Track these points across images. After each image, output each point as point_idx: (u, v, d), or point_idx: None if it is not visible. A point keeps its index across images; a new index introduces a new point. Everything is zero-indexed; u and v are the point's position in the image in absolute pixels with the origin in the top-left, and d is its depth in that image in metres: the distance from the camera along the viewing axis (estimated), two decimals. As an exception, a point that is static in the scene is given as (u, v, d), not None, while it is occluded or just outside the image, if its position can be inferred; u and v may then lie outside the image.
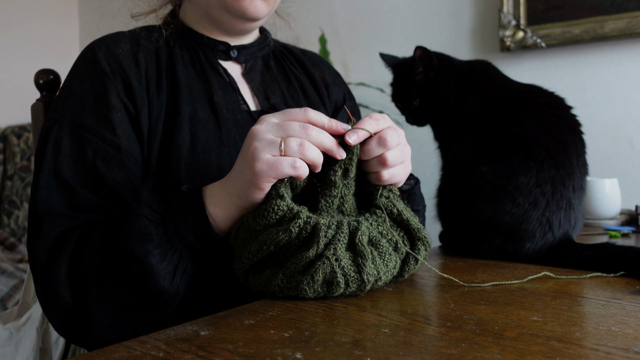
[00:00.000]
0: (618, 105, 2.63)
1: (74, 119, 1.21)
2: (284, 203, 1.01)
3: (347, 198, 1.12)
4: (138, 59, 1.32)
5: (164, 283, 1.03)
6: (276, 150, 0.99)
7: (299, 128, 1.00)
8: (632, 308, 0.95)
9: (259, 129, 1.01)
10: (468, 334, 0.81)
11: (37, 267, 1.11)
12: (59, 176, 1.16)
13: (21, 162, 4.15)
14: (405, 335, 0.79)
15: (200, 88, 1.35)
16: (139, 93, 1.27)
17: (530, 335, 0.80)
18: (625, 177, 2.54)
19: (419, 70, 1.61)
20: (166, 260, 1.03)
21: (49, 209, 1.14)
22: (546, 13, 2.75)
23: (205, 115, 1.31)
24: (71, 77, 1.29)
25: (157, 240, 1.02)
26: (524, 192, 1.37)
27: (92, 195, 1.16)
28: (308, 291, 0.96)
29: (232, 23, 1.41)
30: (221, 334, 0.80)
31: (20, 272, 3.26)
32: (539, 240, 1.37)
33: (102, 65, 1.27)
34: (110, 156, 1.19)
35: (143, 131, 1.25)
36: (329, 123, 1.04)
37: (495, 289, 1.08)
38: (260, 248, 1.00)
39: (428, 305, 0.98)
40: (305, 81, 1.59)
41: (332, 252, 0.96)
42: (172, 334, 0.80)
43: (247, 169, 1.00)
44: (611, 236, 1.79)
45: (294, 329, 0.82)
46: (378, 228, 1.05)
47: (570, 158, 1.42)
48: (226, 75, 1.42)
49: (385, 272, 1.03)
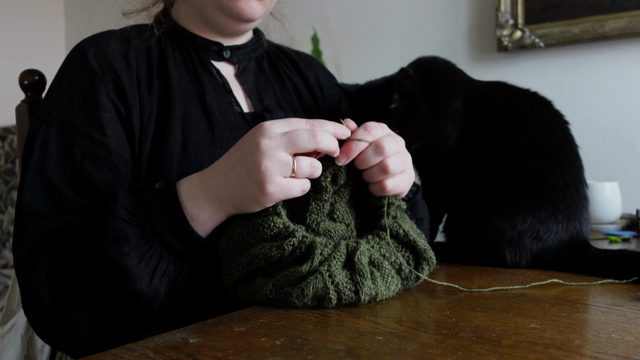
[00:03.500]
0: (618, 107, 2.64)
1: (62, 119, 1.21)
2: (281, 221, 1.02)
3: (337, 205, 1.13)
4: (129, 58, 1.32)
5: (141, 285, 1.02)
6: (288, 171, 1.00)
7: (307, 138, 1.01)
8: (633, 315, 0.95)
9: (268, 144, 0.99)
10: (464, 341, 0.81)
11: (20, 269, 1.11)
12: (45, 177, 1.16)
13: (5, 165, 4.14)
14: (400, 343, 0.79)
15: (192, 89, 1.35)
16: (130, 93, 1.27)
17: (529, 342, 0.80)
18: (625, 180, 2.55)
19: (394, 98, 1.49)
20: (143, 262, 1.02)
21: (33, 210, 1.14)
22: (545, 12, 2.76)
23: (197, 117, 1.31)
24: (60, 76, 1.29)
25: (133, 242, 1.02)
26: (560, 195, 1.38)
27: (78, 197, 1.16)
28: (297, 304, 0.96)
29: (226, 23, 1.41)
30: (211, 342, 0.80)
31: (5, 278, 3.25)
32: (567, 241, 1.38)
33: (91, 64, 1.27)
34: (99, 157, 1.19)
35: (134, 131, 1.25)
36: (334, 130, 1.05)
37: (494, 295, 1.08)
38: (251, 261, 1.01)
39: (423, 311, 0.98)
40: (299, 83, 1.59)
41: (325, 268, 0.96)
42: (160, 342, 0.80)
43: (254, 187, 1.00)
44: (611, 241, 1.79)
45: (285, 337, 0.82)
46: (380, 250, 1.06)
47: (576, 153, 1.45)
48: (219, 76, 1.42)
49: (386, 294, 1.03)
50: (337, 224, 1.13)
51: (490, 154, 1.46)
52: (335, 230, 1.11)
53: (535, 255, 1.37)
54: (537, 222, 1.37)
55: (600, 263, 1.29)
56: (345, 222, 1.14)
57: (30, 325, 1.15)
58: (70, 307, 1.04)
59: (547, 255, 1.37)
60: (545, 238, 1.37)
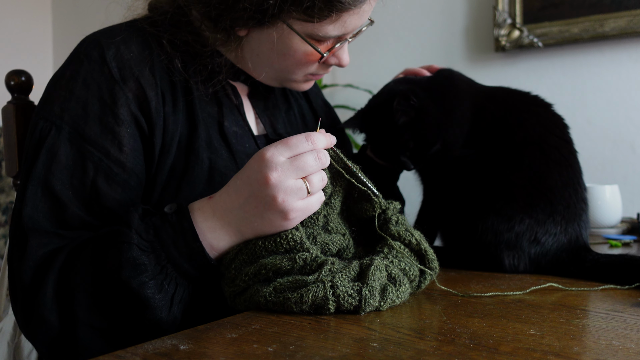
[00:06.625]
0: (619, 108, 2.64)
1: (75, 126, 1.17)
2: (299, 234, 1.05)
3: (331, 217, 1.17)
4: (153, 65, 1.26)
5: (161, 314, 1.04)
6: (304, 194, 1.05)
7: (314, 162, 1.05)
8: (634, 321, 0.95)
9: (277, 177, 1.02)
10: (461, 348, 0.81)
11: (18, 288, 1.10)
12: (49, 188, 1.13)
13: (-9, 167, 4.12)
14: (396, 350, 0.79)
15: (211, 111, 1.32)
16: (154, 107, 1.23)
17: (527, 349, 0.80)
18: (626, 183, 2.55)
19: (399, 114, 1.52)
20: (163, 291, 1.04)
21: (35, 225, 1.11)
22: (543, 11, 2.76)
23: (218, 143, 1.30)
24: (72, 74, 1.22)
25: (151, 271, 1.03)
26: (558, 195, 1.39)
27: (85, 213, 1.14)
28: (294, 309, 0.97)
29: None
30: (201, 348, 0.80)
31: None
32: (566, 245, 1.38)
33: (111, 70, 1.21)
34: (114, 174, 1.17)
35: (155, 149, 1.23)
36: (326, 143, 1.09)
37: (491, 301, 1.08)
38: (259, 272, 1.03)
39: (419, 317, 0.98)
40: (304, 106, 1.62)
41: (329, 279, 0.97)
42: (150, 349, 0.80)
43: (276, 217, 1.04)
44: (611, 245, 1.79)
45: (278, 343, 0.82)
46: (400, 264, 1.08)
47: (575, 155, 1.46)
48: (234, 96, 1.39)
49: (393, 304, 1.04)
50: (333, 235, 1.15)
51: (488, 154, 1.47)
52: (332, 242, 1.13)
53: (534, 259, 1.37)
54: (534, 224, 1.37)
55: (601, 268, 1.29)
56: (341, 232, 1.16)
57: (32, 344, 1.14)
58: (81, 330, 1.05)
59: (546, 259, 1.37)
60: (543, 241, 1.36)
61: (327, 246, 1.12)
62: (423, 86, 1.57)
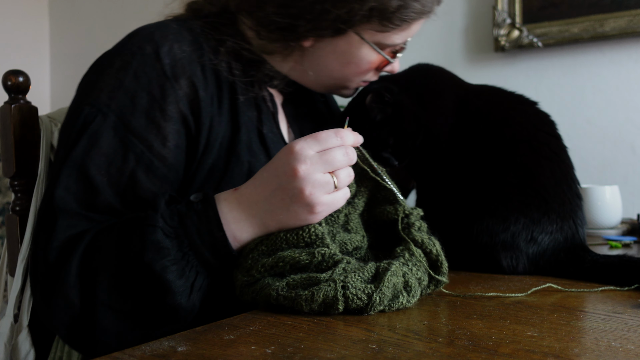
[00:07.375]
0: (619, 108, 2.64)
1: (121, 116, 1.18)
2: (321, 229, 1.06)
3: (351, 217, 1.18)
4: (204, 65, 1.28)
5: (181, 300, 1.04)
6: (331, 189, 1.06)
7: (342, 157, 1.06)
8: (634, 323, 0.95)
9: (306, 170, 1.03)
10: (460, 349, 0.81)
11: (41, 268, 1.10)
12: (85, 172, 1.14)
13: (-12, 168, 4.11)
14: (394, 352, 0.79)
15: (251, 115, 1.34)
16: (205, 106, 1.24)
17: (526, 351, 0.80)
18: (626, 184, 2.55)
19: (374, 112, 1.52)
20: (184, 277, 1.04)
21: (66, 205, 1.12)
22: (543, 11, 2.76)
23: (257, 148, 1.31)
24: (124, 64, 1.23)
25: (173, 256, 1.03)
26: (551, 192, 1.39)
27: (117, 202, 1.15)
28: (304, 306, 0.97)
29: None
30: (199, 350, 0.80)
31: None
32: (563, 243, 1.38)
33: (164, 66, 1.22)
34: (154, 168, 1.18)
35: (199, 148, 1.24)
36: (354, 140, 1.11)
37: (490, 302, 1.08)
38: (276, 264, 1.03)
39: (418, 319, 0.98)
40: (326, 112, 1.64)
41: (341, 278, 0.98)
42: (147, 350, 0.80)
43: (302, 210, 1.05)
44: (611, 246, 1.79)
45: (276, 345, 0.82)
46: (417, 274, 1.08)
47: (565, 150, 1.46)
48: (271, 102, 1.40)
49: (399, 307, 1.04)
50: (352, 234, 1.15)
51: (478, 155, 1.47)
52: (350, 242, 1.14)
53: (532, 260, 1.37)
54: (530, 223, 1.37)
55: (600, 269, 1.29)
56: (361, 232, 1.17)
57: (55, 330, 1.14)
58: (100, 311, 1.04)
59: (544, 259, 1.36)
60: (540, 240, 1.36)
61: (344, 246, 1.12)
62: (397, 81, 1.57)
